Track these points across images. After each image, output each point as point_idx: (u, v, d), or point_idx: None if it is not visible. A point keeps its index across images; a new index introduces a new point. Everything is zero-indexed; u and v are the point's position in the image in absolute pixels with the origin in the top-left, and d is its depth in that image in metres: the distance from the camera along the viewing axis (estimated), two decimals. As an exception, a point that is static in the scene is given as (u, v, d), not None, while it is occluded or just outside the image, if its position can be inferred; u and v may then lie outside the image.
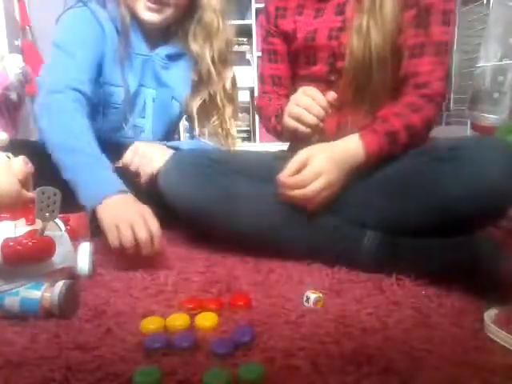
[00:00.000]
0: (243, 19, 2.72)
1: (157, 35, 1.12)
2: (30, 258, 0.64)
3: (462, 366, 0.53)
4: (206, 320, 0.63)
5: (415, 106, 0.88)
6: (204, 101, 1.16)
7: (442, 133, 0.98)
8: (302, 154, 0.84)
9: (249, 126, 2.86)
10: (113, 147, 1.01)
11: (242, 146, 2.71)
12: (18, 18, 2.60)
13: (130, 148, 1.05)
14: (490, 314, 0.62)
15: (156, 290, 0.76)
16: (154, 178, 1.00)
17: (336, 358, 0.55)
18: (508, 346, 0.57)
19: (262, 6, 2.66)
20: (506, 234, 0.99)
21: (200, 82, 1.16)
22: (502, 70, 1.36)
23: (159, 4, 1.02)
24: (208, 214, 0.89)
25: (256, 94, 2.73)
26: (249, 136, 2.86)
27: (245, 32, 2.77)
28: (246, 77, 2.78)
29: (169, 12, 1.05)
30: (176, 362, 0.54)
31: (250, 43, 2.80)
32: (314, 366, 0.53)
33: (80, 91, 0.99)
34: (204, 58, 1.11)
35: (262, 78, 1.10)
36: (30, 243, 0.63)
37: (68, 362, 0.54)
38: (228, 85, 1.15)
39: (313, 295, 0.69)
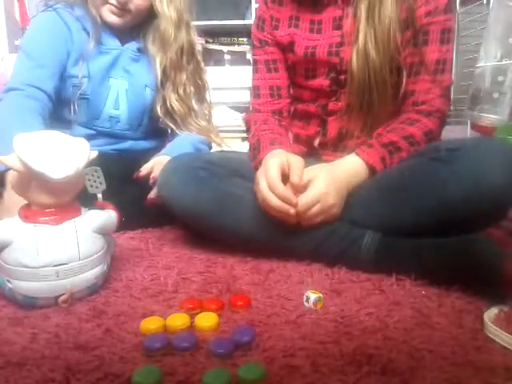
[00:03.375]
0: (243, 19, 2.71)
1: (125, 33, 1.19)
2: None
3: (462, 366, 0.53)
4: (206, 320, 0.63)
5: (411, 120, 0.90)
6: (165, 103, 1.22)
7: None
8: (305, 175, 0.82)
9: (249, 126, 2.86)
10: (94, 136, 1.15)
11: (241, 146, 2.72)
12: (18, 18, 2.60)
13: (154, 160, 1.10)
14: (490, 314, 0.62)
15: (156, 290, 0.76)
16: None
17: (336, 357, 0.55)
18: (508, 345, 0.57)
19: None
20: (505, 234, 0.99)
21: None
22: (502, 70, 1.35)
23: (121, 10, 1.12)
24: (206, 217, 0.89)
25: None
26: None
27: (245, 32, 2.77)
28: (246, 77, 2.78)
29: (129, 17, 1.15)
30: (176, 362, 0.54)
31: (250, 43, 2.80)
32: (313, 366, 0.53)
33: (38, 88, 1.07)
34: (156, 63, 1.19)
35: (256, 91, 1.05)
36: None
37: (68, 362, 0.54)
38: (181, 90, 1.21)
39: (313, 295, 0.69)
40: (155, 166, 1.07)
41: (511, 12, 1.36)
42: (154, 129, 1.28)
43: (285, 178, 0.82)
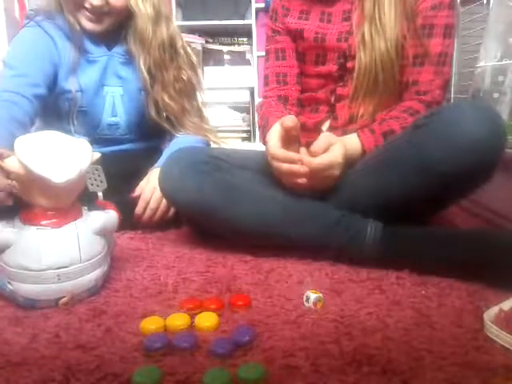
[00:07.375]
0: (243, 19, 2.71)
1: (110, 37, 1.15)
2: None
3: (462, 366, 0.53)
4: (206, 320, 0.63)
5: (413, 109, 0.92)
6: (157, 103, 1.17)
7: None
8: (324, 140, 0.86)
9: (249, 125, 2.86)
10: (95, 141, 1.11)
11: (241, 145, 2.72)
12: (18, 17, 2.60)
13: (148, 176, 1.09)
14: (490, 314, 0.62)
15: (156, 290, 0.76)
16: None
17: (336, 357, 0.55)
18: (508, 345, 0.57)
19: (262, 5, 2.66)
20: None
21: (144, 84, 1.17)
22: (502, 70, 1.35)
23: (99, 15, 1.08)
24: (208, 211, 0.88)
25: (256, 94, 2.73)
26: (249, 136, 2.86)
27: (245, 32, 2.77)
28: (246, 77, 2.78)
29: (108, 21, 1.10)
30: (176, 362, 0.54)
31: (250, 43, 2.80)
32: (314, 366, 0.53)
33: (16, 93, 1.02)
34: (140, 64, 1.13)
35: (266, 79, 1.10)
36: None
37: (68, 362, 0.54)
38: (171, 88, 1.17)
39: (313, 295, 0.69)
40: (149, 182, 1.06)
41: (511, 12, 1.36)
42: (154, 128, 1.26)
43: (289, 139, 0.86)
